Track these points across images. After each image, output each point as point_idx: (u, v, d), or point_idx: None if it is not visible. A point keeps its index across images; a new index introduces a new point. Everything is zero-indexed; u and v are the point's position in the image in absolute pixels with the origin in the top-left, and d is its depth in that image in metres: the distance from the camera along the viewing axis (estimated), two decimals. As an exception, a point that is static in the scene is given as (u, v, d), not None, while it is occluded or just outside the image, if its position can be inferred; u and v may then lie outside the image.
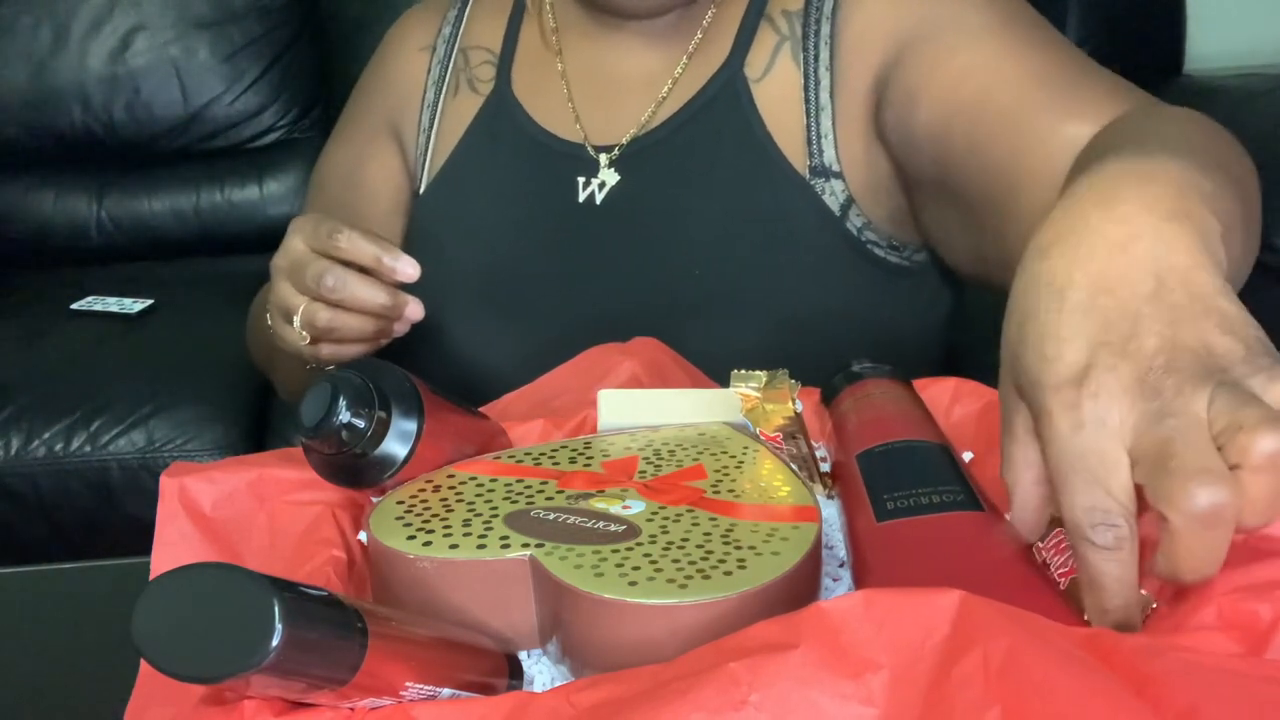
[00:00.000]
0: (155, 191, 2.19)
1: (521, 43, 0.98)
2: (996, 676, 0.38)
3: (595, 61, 0.94)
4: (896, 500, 0.54)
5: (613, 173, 0.91)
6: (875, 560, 0.53)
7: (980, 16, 0.81)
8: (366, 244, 0.76)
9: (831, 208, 0.86)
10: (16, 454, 1.64)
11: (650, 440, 0.62)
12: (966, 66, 0.79)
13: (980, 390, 0.67)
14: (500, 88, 0.96)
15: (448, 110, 0.98)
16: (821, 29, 0.87)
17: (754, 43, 0.89)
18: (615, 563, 0.49)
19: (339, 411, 0.54)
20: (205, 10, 2.15)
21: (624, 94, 0.93)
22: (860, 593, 0.41)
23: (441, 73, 0.99)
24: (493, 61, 0.98)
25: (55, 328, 1.87)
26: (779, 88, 0.88)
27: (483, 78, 0.98)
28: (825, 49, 0.86)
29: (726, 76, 0.89)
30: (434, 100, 0.99)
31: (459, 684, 0.47)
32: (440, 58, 1.00)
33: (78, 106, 2.14)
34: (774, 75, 0.88)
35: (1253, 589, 0.44)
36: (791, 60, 0.88)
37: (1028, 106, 0.75)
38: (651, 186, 0.90)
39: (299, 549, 0.56)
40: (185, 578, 0.40)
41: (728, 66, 0.89)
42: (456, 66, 0.99)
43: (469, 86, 0.98)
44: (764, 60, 0.89)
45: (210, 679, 0.39)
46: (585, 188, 0.91)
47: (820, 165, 0.86)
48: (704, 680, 0.40)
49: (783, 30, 0.89)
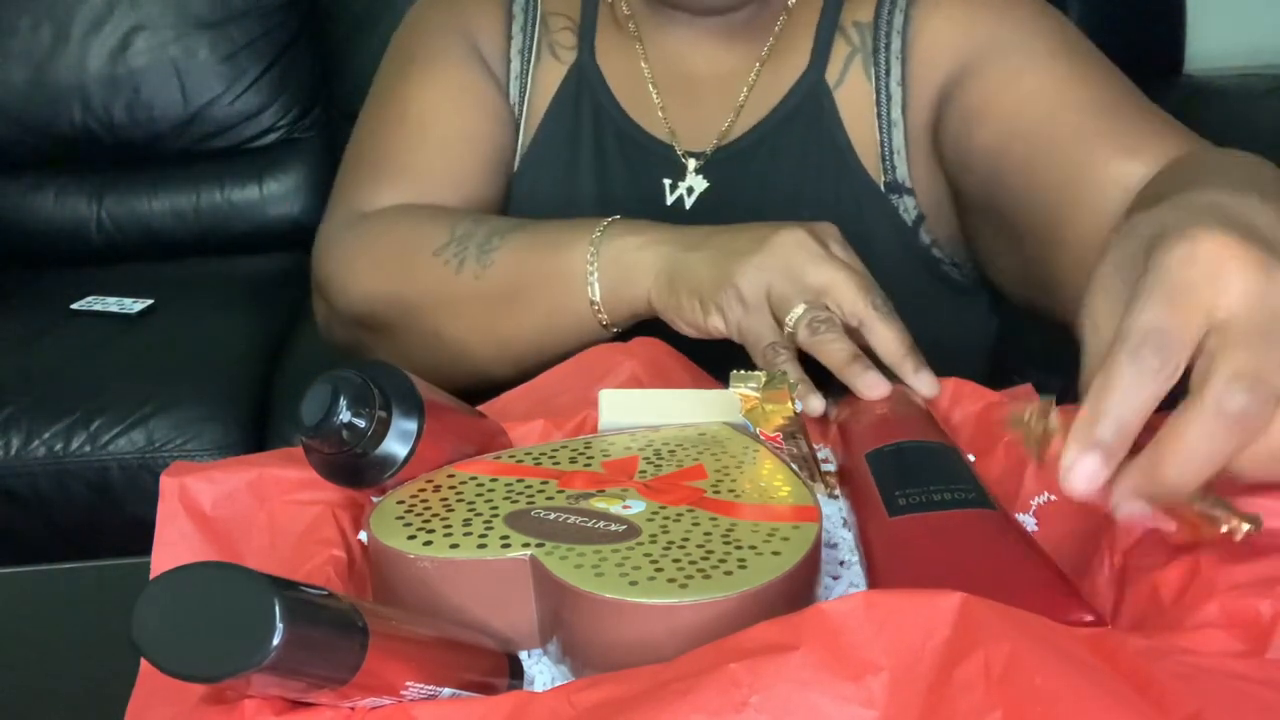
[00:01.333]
0: (155, 191, 2.19)
1: (601, 16, 0.95)
2: (998, 680, 0.38)
3: (673, 56, 0.92)
4: (909, 496, 0.54)
5: (701, 179, 0.89)
6: (887, 555, 0.53)
7: (1046, 43, 0.82)
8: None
9: (906, 222, 0.87)
10: (16, 454, 1.64)
11: (650, 440, 0.62)
12: (1030, 91, 0.79)
13: (980, 391, 0.68)
14: (583, 57, 0.93)
15: (536, 79, 0.94)
16: (892, 43, 0.86)
17: (831, 52, 0.88)
18: (616, 562, 0.49)
19: (339, 411, 0.54)
20: (205, 10, 2.15)
21: (705, 95, 0.91)
22: (861, 594, 0.41)
23: (525, 41, 0.95)
24: (572, 29, 0.94)
25: (55, 328, 1.87)
26: (853, 100, 0.88)
27: (564, 44, 0.94)
28: (896, 64, 0.86)
29: (809, 85, 0.88)
30: (521, 71, 0.95)
31: (459, 683, 0.47)
32: (522, 25, 0.95)
33: (78, 106, 2.14)
34: (848, 86, 0.88)
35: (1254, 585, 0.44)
36: (863, 73, 0.87)
37: (1086, 137, 0.76)
38: (740, 195, 0.89)
39: (299, 549, 0.56)
40: (185, 578, 0.40)
41: (810, 74, 0.88)
42: (539, 34, 0.95)
43: (551, 53, 0.94)
44: (838, 70, 0.88)
45: (210, 678, 0.39)
46: (673, 190, 0.90)
47: (894, 181, 0.86)
48: (704, 681, 0.40)
49: (854, 41, 0.88)
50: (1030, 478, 0.60)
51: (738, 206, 0.88)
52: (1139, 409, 0.42)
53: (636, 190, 0.91)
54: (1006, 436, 0.63)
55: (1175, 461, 0.41)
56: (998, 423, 0.65)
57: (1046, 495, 0.59)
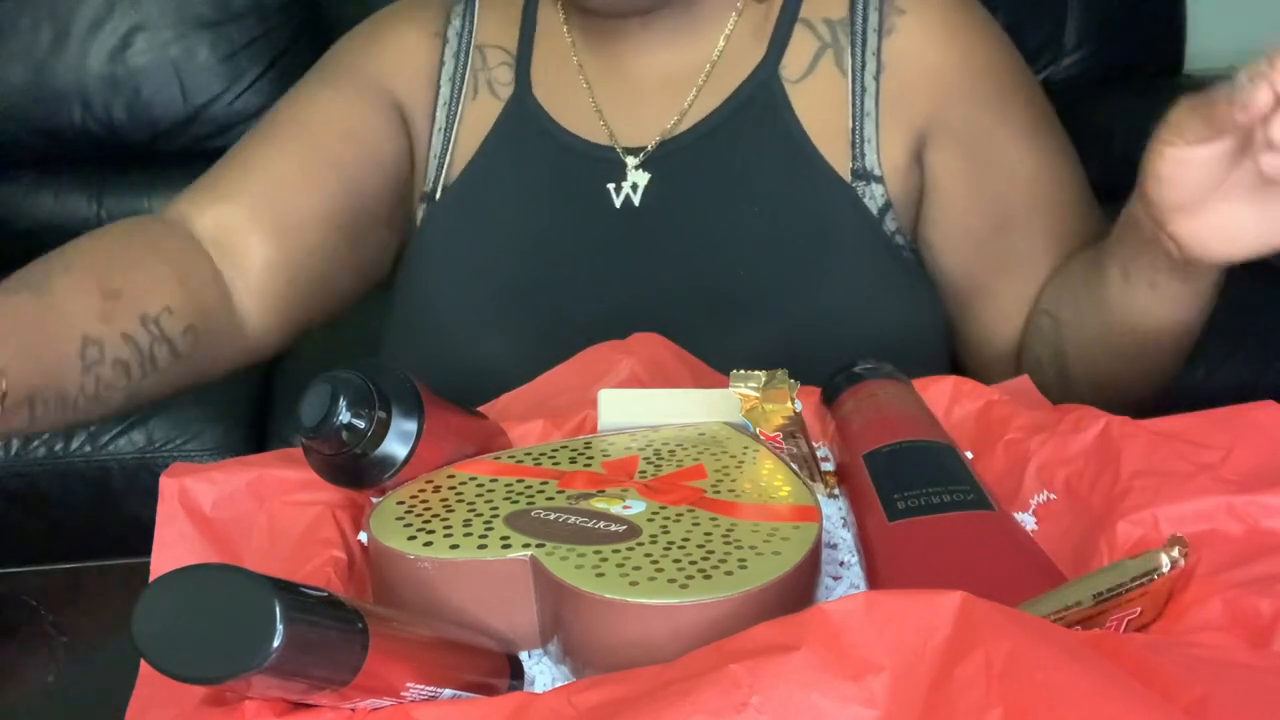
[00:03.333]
0: (155, 191, 2.19)
1: (538, 43, 0.96)
2: (998, 678, 0.38)
3: (614, 60, 0.93)
4: (907, 500, 0.54)
5: (643, 173, 0.90)
6: (888, 560, 0.53)
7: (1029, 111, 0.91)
8: None
9: (871, 210, 0.87)
10: (16, 454, 1.64)
11: (650, 440, 0.62)
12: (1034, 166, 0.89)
13: (980, 390, 0.67)
14: (520, 92, 0.95)
15: (467, 112, 0.96)
16: (869, 41, 0.88)
17: (789, 47, 0.90)
18: (616, 563, 0.49)
19: (339, 412, 0.54)
20: (205, 10, 2.15)
21: (648, 94, 0.92)
22: (861, 594, 0.41)
23: (458, 69, 0.96)
24: (510, 63, 0.96)
25: (55, 328, 1.87)
26: (821, 92, 0.89)
27: (501, 80, 0.96)
28: (873, 61, 0.88)
29: (762, 78, 0.89)
30: (450, 98, 0.96)
31: (460, 684, 0.47)
32: (455, 51, 0.97)
33: (78, 106, 2.13)
34: (816, 79, 0.89)
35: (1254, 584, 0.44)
36: (836, 67, 0.89)
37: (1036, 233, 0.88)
38: (687, 187, 0.90)
39: (299, 549, 0.56)
40: (185, 578, 0.40)
41: (762, 69, 0.89)
42: (474, 66, 0.96)
43: (488, 89, 0.96)
44: (803, 64, 0.89)
45: (211, 680, 0.39)
46: (619, 192, 0.91)
47: (863, 169, 0.88)
48: (705, 682, 0.40)
49: (825, 37, 0.90)
50: (1030, 477, 0.60)
51: (688, 196, 0.89)
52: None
53: (580, 197, 0.92)
54: (1006, 435, 0.63)
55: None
56: (997, 421, 0.65)
57: (1046, 495, 0.59)
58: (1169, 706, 0.37)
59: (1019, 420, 0.63)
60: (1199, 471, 0.53)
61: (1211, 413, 0.58)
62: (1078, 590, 0.46)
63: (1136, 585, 0.46)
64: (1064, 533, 0.56)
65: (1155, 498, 0.52)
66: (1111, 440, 0.58)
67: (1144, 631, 0.47)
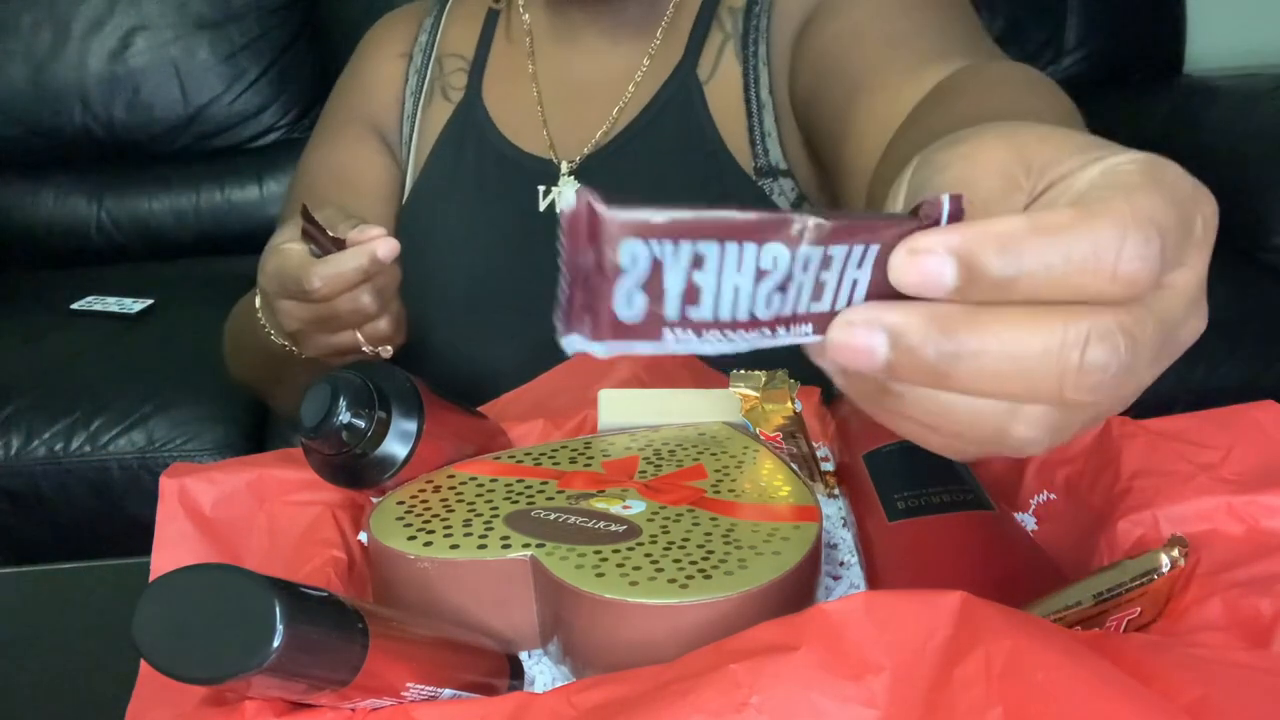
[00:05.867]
0: (155, 191, 2.19)
1: (494, 50, 0.98)
2: (998, 678, 0.38)
3: (565, 65, 0.94)
4: (907, 500, 0.54)
5: (572, 181, 0.91)
6: (889, 559, 0.53)
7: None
8: (344, 268, 0.68)
9: (784, 207, 0.86)
10: (16, 454, 1.64)
11: (650, 440, 0.62)
12: (838, 31, 0.78)
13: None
14: (470, 96, 0.96)
15: (424, 119, 0.98)
16: (760, 22, 0.87)
17: (705, 44, 0.89)
18: (616, 563, 0.49)
19: (339, 412, 0.54)
20: (205, 10, 2.15)
21: (590, 101, 0.93)
22: (861, 594, 0.41)
23: (419, 82, 0.99)
24: (465, 69, 0.98)
25: (55, 328, 1.87)
26: (725, 88, 0.88)
27: (455, 85, 0.98)
28: (763, 43, 0.86)
29: (680, 80, 0.89)
30: (412, 111, 0.99)
31: (460, 684, 0.47)
32: (418, 66, 1.00)
33: (78, 106, 2.14)
34: (720, 75, 0.88)
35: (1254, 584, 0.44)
36: (735, 58, 0.87)
37: (879, 67, 0.73)
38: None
39: (299, 549, 0.56)
40: (185, 578, 0.40)
41: (680, 70, 0.89)
42: (433, 75, 0.99)
43: (442, 94, 0.98)
44: (711, 61, 0.89)
45: (211, 680, 0.39)
46: (545, 196, 0.91)
47: (767, 165, 0.86)
48: (705, 682, 0.40)
49: (727, 29, 0.88)
50: (1030, 477, 0.60)
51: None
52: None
53: (513, 203, 0.92)
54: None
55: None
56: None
57: (1046, 495, 0.59)
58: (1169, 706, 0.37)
59: (1019, 420, 0.63)
60: (1199, 471, 0.53)
61: (1211, 413, 0.58)
62: (1078, 590, 0.46)
63: (1136, 585, 0.46)
64: (1064, 533, 0.56)
65: (1155, 498, 0.52)
66: (1111, 440, 0.58)
67: (1144, 631, 0.47)
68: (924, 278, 0.31)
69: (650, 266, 0.28)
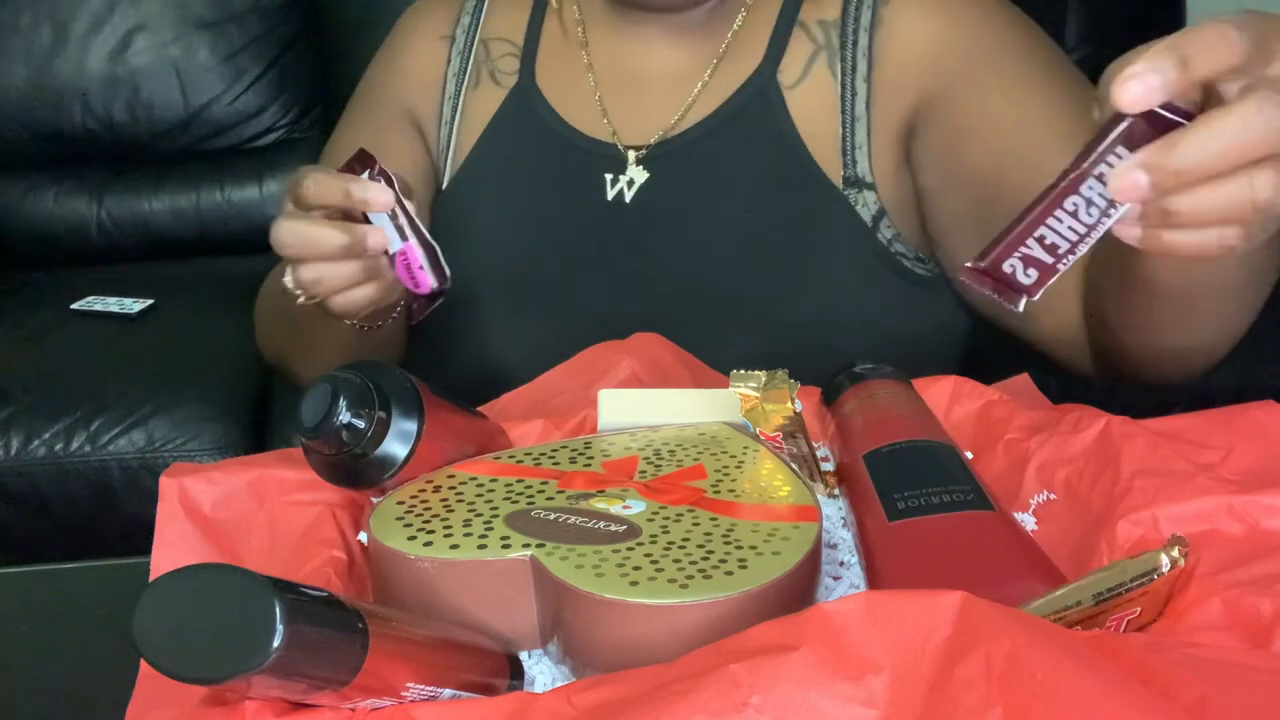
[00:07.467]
0: (155, 191, 2.19)
1: (545, 36, 0.97)
2: (998, 677, 0.38)
3: (622, 57, 0.94)
4: (907, 500, 0.54)
5: (641, 170, 0.91)
6: (888, 560, 0.53)
7: (1021, 64, 0.84)
8: (332, 182, 0.70)
9: (864, 218, 0.87)
10: (16, 454, 1.64)
11: (650, 440, 0.62)
12: (1020, 119, 0.82)
13: (980, 390, 0.67)
14: (524, 81, 0.96)
15: (469, 103, 0.97)
16: (859, 40, 0.88)
17: (787, 50, 0.90)
18: (616, 563, 0.49)
19: (339, 412, 0.54)
20: (205, 10, 2.15)
21: (652, 92, 0.93)
22: (861, 594, 0.41)
23: (462, 64, 0.98)
24: (515, 54, 0.97)
25: (55, 328, 1.87)
26: (815, 96, 0.88)
27: (505, 70, 0.97)
28: (863, 61, 0.87)
29: (759, 83, 0.89)
30: (455, 92, 0.98)
31: (460, 684, 0.47)
32: (460, 48, 0.99)
33: (78, 106, 2.13)
34: (809, 83, 0.89)
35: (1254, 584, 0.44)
36: (828, 70, 0.88)
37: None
38: (681, 187, 0.90)
39: (299, 549, 0.56)
40: (185, 578, 0.40)
41: (760, 73, 0.89)
42: (478, 59, 0.98)
43: (491, 79, 0.97)
44: (798, 68, 0.89)
45: (211, 680, 0.39)
46: (614, 185, 0.91)
47: (854, 176, 0.87)
48: (705, 681, 0.40)
49: (819, 39, 0.89)
50: (1030, 477, 0.60)
51: (678, 199, 0.90)
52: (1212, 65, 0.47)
53: (575, 189, 0.92)
54: (1006, 435, 0.63)
55: (1202, 133, 0.45)
56: (997, 421, 0.65)
57: (1046, 495, 0.59)
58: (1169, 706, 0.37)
59: (1019, 420, 0.63)
60: (1199, 471, 0.53)
61: (1211, 413, 0.58)
62: (1078, 590, 0.46)
63: (1136, 585, 0.46)
64: (1064, 533, 0.56)
65: (1155, 498, 0.52)
66: (1111, 440, 0.58)
67: (1144, 631, 0.47)
68: (1127, 189, 0.46)
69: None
